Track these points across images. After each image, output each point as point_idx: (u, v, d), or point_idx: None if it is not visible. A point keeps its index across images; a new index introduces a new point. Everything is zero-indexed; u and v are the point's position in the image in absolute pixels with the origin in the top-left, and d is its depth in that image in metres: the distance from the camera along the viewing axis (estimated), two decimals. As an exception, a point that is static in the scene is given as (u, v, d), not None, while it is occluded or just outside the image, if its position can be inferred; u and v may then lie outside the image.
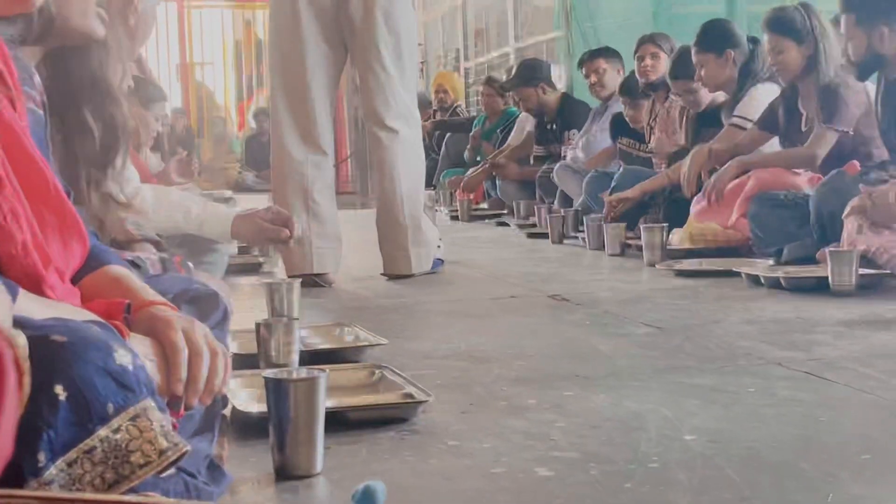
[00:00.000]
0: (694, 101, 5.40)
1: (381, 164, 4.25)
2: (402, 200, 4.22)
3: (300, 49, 4.18)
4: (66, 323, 1.20)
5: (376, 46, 4.15)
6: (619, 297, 3.64)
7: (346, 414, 1.96)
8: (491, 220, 7.50)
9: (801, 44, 4.47)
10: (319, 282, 4.11)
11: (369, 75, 4.20)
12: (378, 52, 4.16)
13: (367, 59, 4.19)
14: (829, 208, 3.84)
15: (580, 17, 8.93)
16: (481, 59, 12.68)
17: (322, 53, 4.21)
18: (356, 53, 4.23)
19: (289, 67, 4.23)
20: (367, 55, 4.18)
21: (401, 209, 4.22)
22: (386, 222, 4.26)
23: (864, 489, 1.55)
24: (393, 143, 4.22)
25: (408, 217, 4.23)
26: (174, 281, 1.86)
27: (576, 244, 5.50)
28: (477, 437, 1.87)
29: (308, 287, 3.93)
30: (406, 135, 4.26)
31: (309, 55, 4.19)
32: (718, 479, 1.59)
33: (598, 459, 1.71)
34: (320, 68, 4.22)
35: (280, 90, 4.27)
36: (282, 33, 4.26)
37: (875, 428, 1.88)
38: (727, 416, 1.97)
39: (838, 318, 3.03)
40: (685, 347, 2.69)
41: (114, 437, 1.15)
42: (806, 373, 2.33)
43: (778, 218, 4.19)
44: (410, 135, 4.30)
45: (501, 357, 2.61)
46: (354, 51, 4.23)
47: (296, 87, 4.21)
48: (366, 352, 2.59)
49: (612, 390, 2.21)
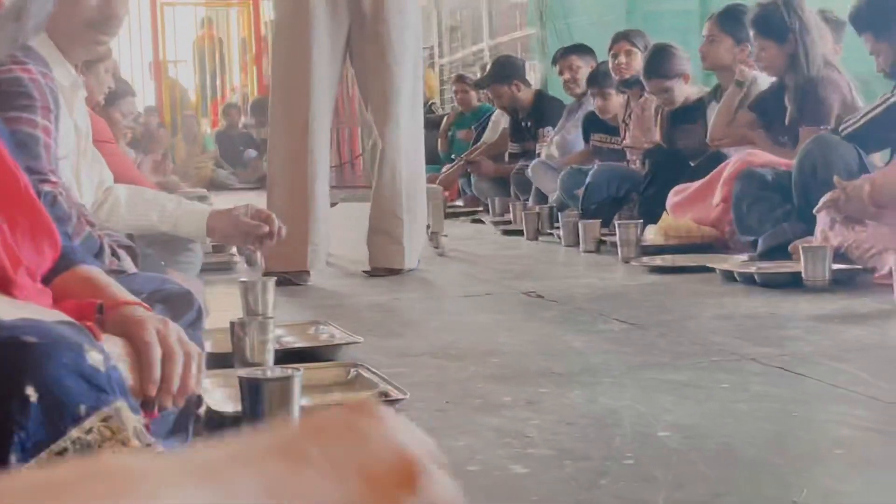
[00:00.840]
0: (668, 98, 5.42)
1: (381, 159, 4.23)
2: (401, 194, 4.21)
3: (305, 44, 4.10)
4: (36, 324, 1.19)
5: (387, 39, 4.13)
6: (594, 294, 3.64)
7: (321, 413, 1.95)
8: (466, 217, 7.50)
9: (783, 42, 4.49)
10: (296, 280, 4.08)
11: (374, 68, 4.18)
12: (389, 43, 4.14)
13: (375, 51, 4.15)
14: (811, 165, 3.88)
15: (554, 14, 8.95)
16: (455, 57, 12.68)
17: (326, 50, 4.14)
18: (364, 45, 4.18)
19: (291, 63, 4.15)
20: (375, 47, 4.15)
21: (400, 203, 4.20)
22: (382, 215, 4.23)
23: (836, 483, 1.56)
24: (394, 137, 4.20)
25: (406, 211, 4.22)
26: (147, 280, 1.85)
27: (551, 241, 5.51)
28: (452, 434, 1.87)
29: (284, 285, 3.94)
30: (408, 128, 4.25)
31: (314, 48, 4.10)
32: (693, 475, 1.59)
33: (574, 456, 1.71)
34: (324, 62, 4.15)
35: (280, 85, 4.21)
36: (288, 26, 4.18)
37: (848, 423, 1.89)
38: (701, 412, 1.98)
39: (811, 314, 3.05)
40: (659, 343, 2.70)
41: (86, 438, 1.14)
42: (779, 368, 2.34)
43: (762, 202, 4.19)
44: (412, 130, 4.29)
45: (476, 354, 2.61)
46: (362, 43, 4.18)
47: (297, 83, 4.13)
48: (341, 350, 2.59)
49: (586, 387, 2.22)
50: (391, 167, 4.22)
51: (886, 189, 3.52)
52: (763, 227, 4.14)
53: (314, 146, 4.15)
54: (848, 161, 3.93)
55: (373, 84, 4.21)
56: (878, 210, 3.54)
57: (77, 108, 3.00)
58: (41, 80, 1.82)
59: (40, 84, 1.83)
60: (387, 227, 4.23)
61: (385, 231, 4.23)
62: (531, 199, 6.78)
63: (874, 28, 3.98)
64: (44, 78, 1.82)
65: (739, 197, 4.27)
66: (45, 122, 1.84)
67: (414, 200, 4.27)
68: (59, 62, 2.77)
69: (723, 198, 4.45)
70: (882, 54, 4.00)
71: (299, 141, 4.13)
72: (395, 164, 4.22)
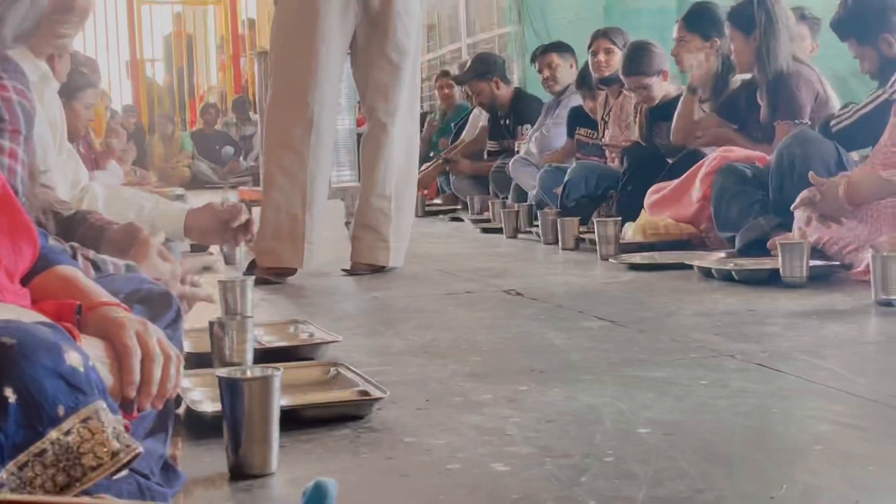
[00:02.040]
0: (647, 95, 5.43)
1: (374, 154, 4.23)
2: (391, 193, 4.21)
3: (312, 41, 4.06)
4: (14, 324, 1.18)
5: (392, 36, 4.15)
6: (573, 291, 3.65)
7: (301, 412, 1.95)
8: (445, 215, 7.50)
9: (749, 36, 4.52)
10: (275, 280, 4.07)
11: (378, 63, 4.19)
12: (393, 42, 4.16)
13: (379, 47, 4.17)
14: (789, 159, 3.90)
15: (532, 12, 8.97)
16: (434, 55, 12.68)
17: (334, 47, 4.12)
18: (370, 41, 4.18)
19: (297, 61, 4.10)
20: (380, 43, 4.16)
21: (389, 201, 4.21)
22: (370, 212, 4.22)
23: (816, 479, 1.56)
24: (389, 136, 4.21)
25: (394, 209, 4.22)
26: (126, 280, 1.84)
27: (530, 238, 5.51)
28: (433, 433, 1.87)
29: (268, 284, 4.00)
30: (404, 128, 4.26)
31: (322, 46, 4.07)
32: (673, 471, 1.60)
33: (554, 453, 1.71)
34: (332, 60, 4.13)
35: (284, 83, 4.14)
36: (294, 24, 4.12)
37: (826, 419, 1.90)
38: (681, 409, 1.99)
39: (790, 310, 3.06)
40: (639, 340, 2.71)
41: (65, 440, 1.14)
42: (758, 364, 2.35)
43: (742, 196, 4.20)
44: (408, 129, 4.31)
45: (456, 352, 2.61)
46: (368, 38, 4.18)
47: (303, 82, 4.09)
48: (321, 349, 2.58)
49: (566, 384, 2.22)
50: (385, 162, 4.21)
51: (861, 187, 3.54)
52: (742, 222, 4.16)
53: (318, 146, 4.12)
54: (826, 157, 3.95)
55: (374, 78, 4.21)
56: (853, 207, 3.57)
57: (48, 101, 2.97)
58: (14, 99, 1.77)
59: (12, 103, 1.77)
60: (374, 224, 4.22)
61: (372, 228, 4.22)
62: (510, 196, 6.79)
63: (857, 34, 4.03)
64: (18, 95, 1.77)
65: (720, 192, 4.28)
66: (12, 146, 1.80)
67: (403, 198, 4.27)
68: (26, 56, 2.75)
69: (702, 194, 4.46)
70: (866, 59, 4.06)
71: (301, 141, 4.09)
72: (390, 158, 4.22)
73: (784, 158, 3.99)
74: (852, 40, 4.07)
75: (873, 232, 3.53)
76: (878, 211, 3.55)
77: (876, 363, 2.42)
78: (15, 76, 1.78)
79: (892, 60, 3.99)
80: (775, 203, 4.03)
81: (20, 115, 1.77)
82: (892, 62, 3.99)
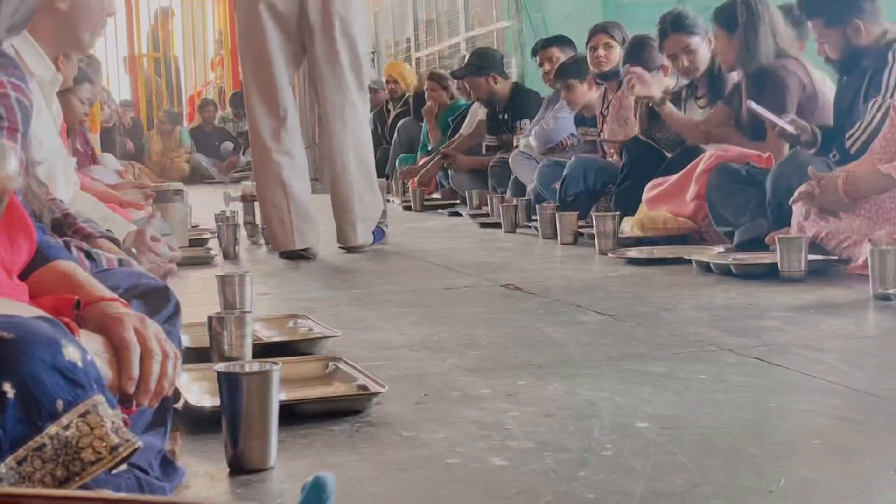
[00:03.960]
0: (648, 90, 5.41)
1: (332, 151, 4.80)
2: (350, 183, 4.80)
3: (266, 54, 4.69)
4: (13, 319, 1.18)
5: (334, 48, 4.69)
6: (572, 286, 3.65)
7: (300, 407, 1.95)
8: (444, 209, 7.50)
9: (732, 34, 4.52)
10: (306, 255, 4.67)
11: (327, 74, 4.73)
12: (336, 53, 4.70)
13: (326, 59, 4.71)
14: (786, 184, 3.87)
15: (530, 6, 8.96)
16: (432, 49, 12.67)
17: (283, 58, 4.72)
18: (316, 54, 4.73)
19: (258, 70, 4.72)
20: (326, 56, 4.70)
21: (351, 188, 4.80)
22: (337, 201, 4.83)
23: (814, 473, 1.57)
24: (344, 133, 4.76)
25: (356, 196, 4.81)
26: (124, 275, 1.84)
27: (528, 233, 5.51)
28: (431, 427, 1.87)
29: (294, 260, 4.66)
30: (355, 125, 4.80)
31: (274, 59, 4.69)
32: (671, 466, 1.60)
33: (553, 448, 1.72)
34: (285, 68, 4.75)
35: (254, 93, 4.74)
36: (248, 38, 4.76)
37: (824, 413, 1.91)
38: (679, 403, 1.99)
39: (788, 304, 3.07)
40: (637, 335, 2.71)
41: (64, 434, 1.14)
42: (756, 359, 2.35)
43: (736, 194, 4.20)
44: (359, 125, 4.84)
45: (455, 347, 2.61)
46: (313, 52, 4.73)
47: (266, 90, 4.72)
48: (319, 344, 2.58)
49: (565, 379, 2.22)
50: (342, 160, 4.78)
51: (860, 181, 3.54)
52: (739, 219, 4.15)
53: (290, 143, 4.75)
54: None
55: (322, 86, 4.77)
56: (851, 201, 3.57)
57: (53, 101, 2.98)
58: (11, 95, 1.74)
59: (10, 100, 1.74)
60: (340, 211, 4.84)
61: (340, 214, 4.84)
62: (508, 191, 6.79)
63: (825, 15, 3.96)
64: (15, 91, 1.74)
65: (713, 191, 4.28)
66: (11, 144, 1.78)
67: (361, 187, 4.83)
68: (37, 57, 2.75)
69: (697, 194, 4.46)
70: (830, 42, 4.00)
71: (273, 140, 4.72)
72: (346, 157, 4.78)
73: (781, 185, 3.94)
74: (819, 20, 4.00)
75: (871, 226, 3.53)
76: (877, 205, 3.56)
77: (874, 357, 2.42)
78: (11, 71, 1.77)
79: (857, 49, 3.95)
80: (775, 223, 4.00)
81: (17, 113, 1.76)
82: (856, 51, 3.95)
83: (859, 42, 3.92)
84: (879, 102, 3.83)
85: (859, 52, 3.94)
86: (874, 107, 3.85)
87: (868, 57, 3.92)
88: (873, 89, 3.88)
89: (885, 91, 3.81)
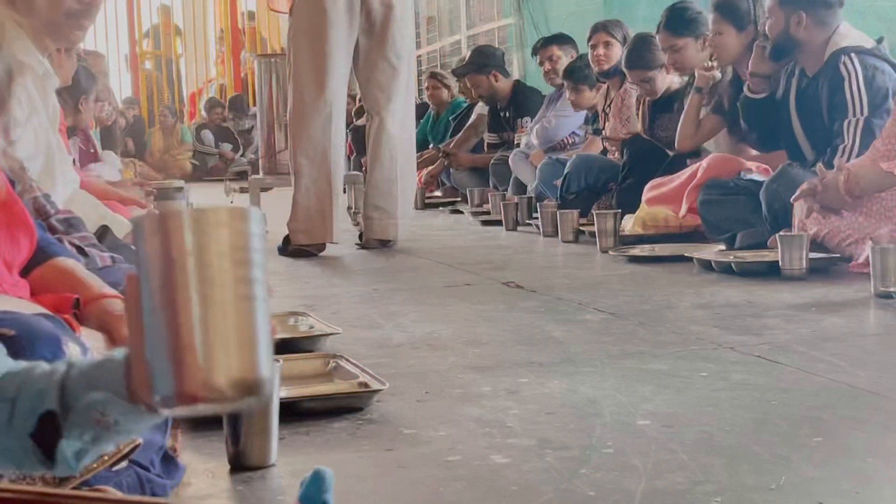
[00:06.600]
0: (650, 88, 5.42)
1: (378, 145, 4.87)
2: (396, 176, 4.87)
3: (326, 47, 4.72)
4: (14, 316, 1.18)
5: (391, 41, 4.81)
6: (573, 284, 3.65)
7: (301, 404, 1.95)
8: (445, 207, 7.50)
9: (742, 30, 4.51)
10: (311, 251, 4.75)
11: (378, 65, 4.84)
12: (392, 46, 4.82)
13: (380, 51, 4.82)
14: (780, 201, 3.87)
15: (531, 4, 8.95)
16: (433, 47, 12.66)
17: (342, 53, 4.78)
18: (371, 45, 4.82)
19: (315, 66, 4.75)
20: (381, 48, 4.82)
21: (395, 184, 4.87)
22: (379, 194, 4.88)
23: (815, 471, 1.56)
24: (390, 128, 4.87)
25: (399, 191, 4.89)
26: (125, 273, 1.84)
27: (529, 231, 5.51)
28: (432, 425, 1.87)
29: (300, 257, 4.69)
30: (402, 120, 4.92)
31: (335, 51, 4.74)
32: (672, 464, 1.60)
33: (554, 446, 1.71)
34: (341, 64, 4.79)
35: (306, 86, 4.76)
36: (308, 32, 4.77)
37: (826, 410, 1.91)
38: (680, 401, 1.99)
39: (789, 302, 3.06)
40: (638, 333, 2.71)
41: (65, 432, 1.14)
42: (758, 357, 2.35)
43: (727, 205, 4.21)
44: (406, 121, 4.98)
45: (456, 345, 2.61)
46: (370, 43, 4.82)
47: (321, 84, 4.74)
48: (320, 341, 2.58)
49: (566, 376, 2.22)
50: (388, 150, 4.86)
51: (862, 179, 3.54)
52: (734, 225, 4.14)
53: (335, 137, 4.79)
54: None
55: (376, 79, 4.86)
56: (853, 199, 3.56)
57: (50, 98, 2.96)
58: None
59: None
60: (383, 204, 4.88)
61: (381, 207, 4.89)
62: (510, 189, 6.79)
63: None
64: None
65: (704, 208, 4.29)
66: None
67: (406, 181, 4.93)
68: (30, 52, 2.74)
69: (689, 209, 4.46)
70: (774, 19, 4.05)
71: (323, 133, 4.76)
72: (392, 147, 4.86)
73: (774, 203, 3.93)
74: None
75: (873, 224, 3.52)
76: (878, 203, 3.55)
77: (875, 355, 2.42)
78: None
79: (792, 41, 3.99)
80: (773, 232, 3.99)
81: None
82: (791, 42, 4.00)
83: (797, 35, 3.98)
84: (853, 122, 3.84)
85: (792, 43, 4.00)
86: (850, 127, 3.86)
87: (800, 55, 3.98)
88: (835, 110, 3.90)
89: (853, 108, 3.83)
